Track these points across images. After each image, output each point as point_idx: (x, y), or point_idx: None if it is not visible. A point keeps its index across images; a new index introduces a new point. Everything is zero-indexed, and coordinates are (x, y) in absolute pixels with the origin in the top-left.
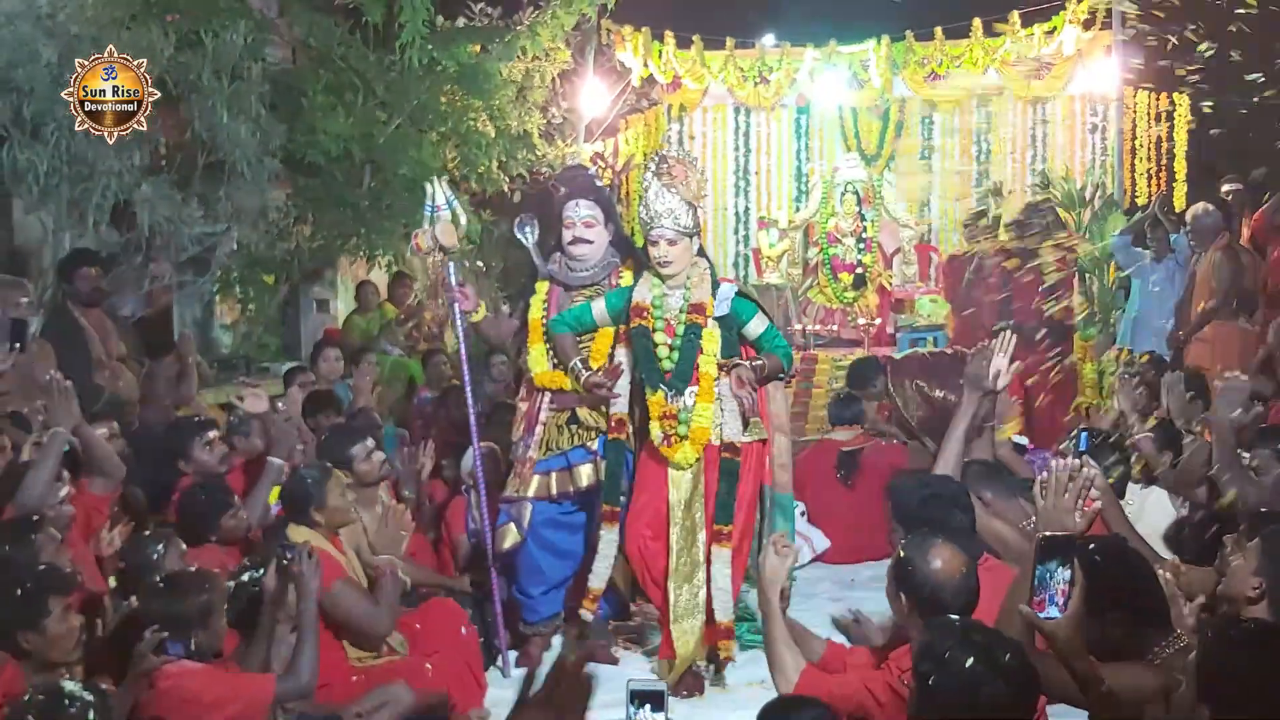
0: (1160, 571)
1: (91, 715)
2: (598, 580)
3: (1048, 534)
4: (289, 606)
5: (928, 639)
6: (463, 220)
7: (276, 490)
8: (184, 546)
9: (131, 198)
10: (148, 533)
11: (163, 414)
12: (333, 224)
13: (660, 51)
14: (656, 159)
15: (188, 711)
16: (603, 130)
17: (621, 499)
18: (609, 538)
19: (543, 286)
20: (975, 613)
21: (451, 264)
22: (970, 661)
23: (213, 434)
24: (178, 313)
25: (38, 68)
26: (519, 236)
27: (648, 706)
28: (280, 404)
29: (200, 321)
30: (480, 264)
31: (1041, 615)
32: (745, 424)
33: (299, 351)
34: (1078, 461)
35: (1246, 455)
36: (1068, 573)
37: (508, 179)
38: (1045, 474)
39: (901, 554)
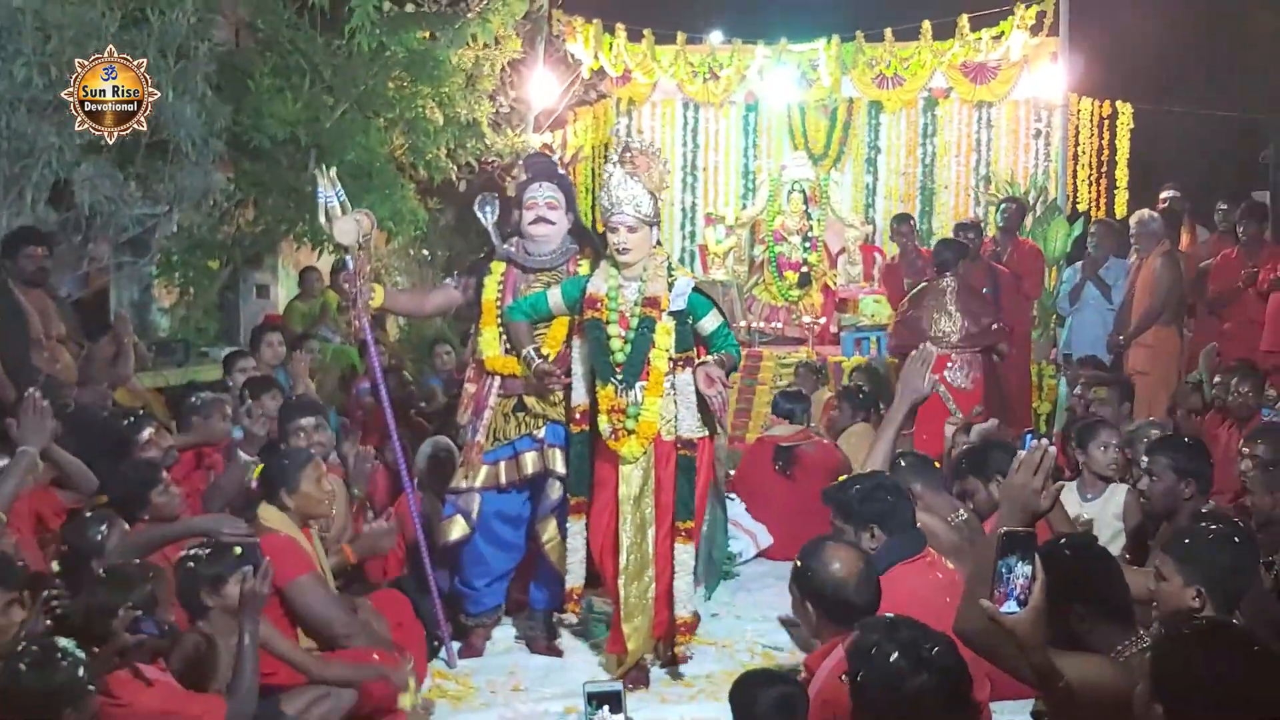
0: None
1: (80, 672)
2: (574, 579)
3: (1008, 529)
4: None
5: (857, 637)
6: (356, 214)
7: (259, 469)
8: (126, 525)
9: (71, 176)
10: (89, 514)
11: (99, 396)
12: (276, 209)
13: (611, 44)
14: (620, 147)
15: None
16: (551, 121)
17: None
18: (576, 530)
19: (499, 267)
20: (923, 607)
21: (349, 258)
22: (895, 656)
23: (148, 432)
24: (115, 294)
25: None
26: (479, 215)
27: (605, 708)
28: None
29: (138, 304)
30: (425, 253)
31: (1001, 610)
32: (711, 423)
33: (238, 336)
34: (1048, 443)
35: (1144, 459)
36: (1028, 568)
37: (455, 167)
38: (1019, 455)
39: (799, 563)
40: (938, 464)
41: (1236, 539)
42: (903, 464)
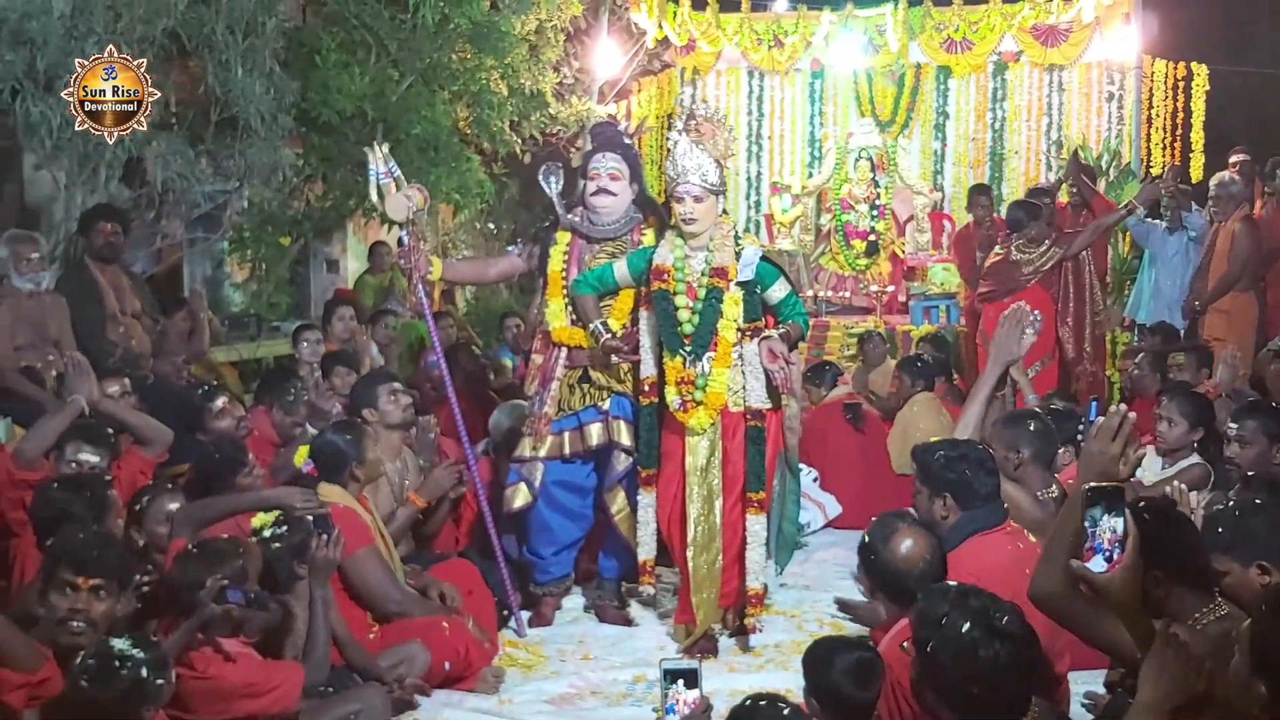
0: None
1: (144, 672)
2: (646, 551)
3: (1093, 484)
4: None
5: (924, 605)
6: (408, 190)
7: (304, 450)
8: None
9: (143, 154)
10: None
11: (175, 369)
12: (344, 183)
13: (675, 13)
14: (685, 115)
15: (222, 701)
16: (616, 92)
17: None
18: (647, 503)
19: (564, 237)
20: (1002, 577)
21: (404, 234)
22: (967, 626)
23: (221, 401)
24: (189, 270)
25: (51, 20)
26: (543, 185)
27: (680, 683)
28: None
29: (211, 279)
30: (491, 226)
31: (1089, 566)
32: (776, 396)
33: (309, 310)
34: (1126, 408)
35: (1233, 426)
36: (1117, 522)
37: (519, 140)
38: (1095, 421)
39: (866, 540)
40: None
41: (1265, 500)
42: (1031, 426)
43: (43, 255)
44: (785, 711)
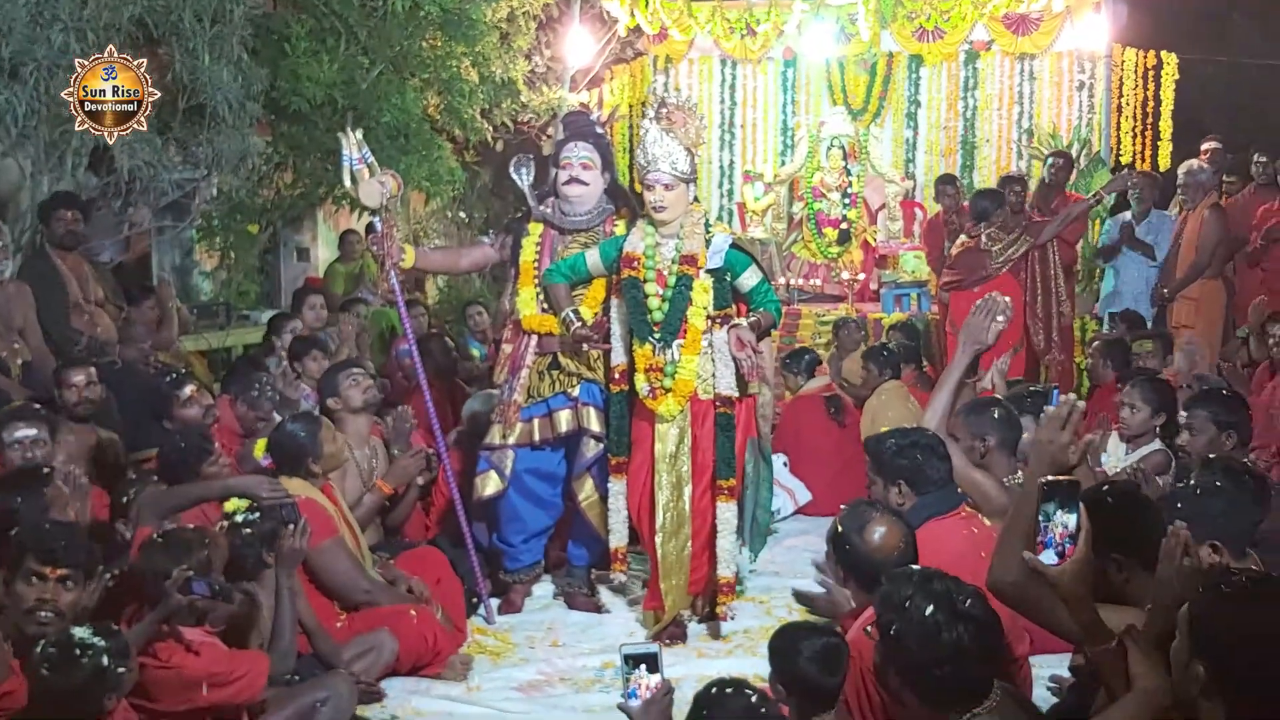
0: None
1: (105, 661)
2: (617, 538)
3: (1049, 479)
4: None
5: (888, 589)
6: (381, 176)
7: (262, 444)
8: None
9: (110, 141)
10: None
11: (142, 356)
12: (314, 171)
13: (647, 1)
14: (656, 104)
15: (186, 690)
16: (588, 80)
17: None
18: (617, 490)
19: (536, 228)
20: (957, 561)
21: (376, 220)
22: (930, 609)
23: (189, 388)
24: (157, 259)
25: (15, 7)
26: (514, 176)
27: (642, 667)
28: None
29: (180, 268)
30: (463, 214)
31: (1040, 559)
32: (743, 385)
33: (279, 299)
34: (1075, 397)
35: (1184, 414)
36: (1070, 517)
37: (491, 128)
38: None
39: (838, 528)
40: None
41: (1224, 483)
42: (996, 413)
43: (6, 244)
44: (750, 697)
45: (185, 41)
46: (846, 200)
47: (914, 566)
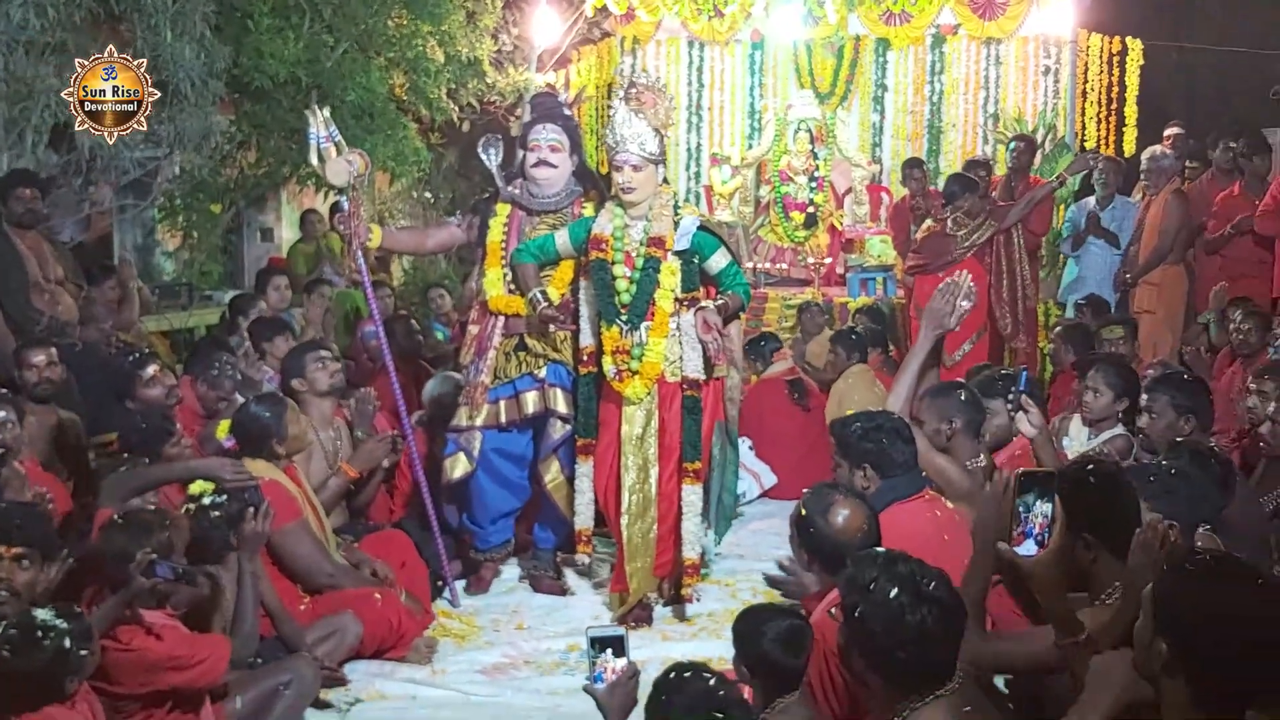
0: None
1: (67, 643)
2: (584, 520)
3: (1026, 470)
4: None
5: (852, 571)
6: (349, 155)
7: (225, 425)
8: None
9: (71, 118)
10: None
11: (103, 336)
12: (278, 151)
13: None
14: (626, 84)
15: (147, 673)
16: (555, 61)
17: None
18: (584, 472)
19: (504, 209)
20: (921, 544)
21: (343, 199)
22: (895, 591)
23: (152, 369)
24: (118, 238)
25: None
26: (482, 157)
27: (609, 651)
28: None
29: (142, 247)
30: (429, 195)
31: (1019, 550)
32: (710, 367)
33: (242, 279)
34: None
35: (1144, 397)
36: (1048, 507)
37: (457, 108)
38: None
39: (802, 511)
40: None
41: (1190, 468)
42: (961, 395)
43: None
44: (708, 680)
45: (147, 18)
46: (813, 184)
47: (879, 549)
